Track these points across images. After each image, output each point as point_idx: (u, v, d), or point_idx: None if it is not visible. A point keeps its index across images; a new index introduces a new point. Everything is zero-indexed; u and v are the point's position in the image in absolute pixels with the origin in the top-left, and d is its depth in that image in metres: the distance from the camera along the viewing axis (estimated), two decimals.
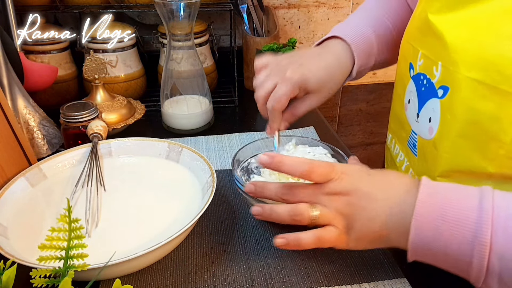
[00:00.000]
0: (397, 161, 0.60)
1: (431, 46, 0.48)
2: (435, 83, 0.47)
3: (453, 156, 0.47)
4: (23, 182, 0.57)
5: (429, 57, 0.48)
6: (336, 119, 1.38)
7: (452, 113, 0.45)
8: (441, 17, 0.46)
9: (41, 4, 0.92)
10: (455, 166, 0.47)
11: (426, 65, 0.49)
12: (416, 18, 0.53)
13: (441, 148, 0.47)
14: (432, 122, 0.48)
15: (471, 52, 0.42)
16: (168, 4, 0.72)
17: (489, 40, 0.41)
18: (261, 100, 0.60)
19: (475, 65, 0.42)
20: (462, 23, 0.44)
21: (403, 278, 0.48)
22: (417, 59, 0.51)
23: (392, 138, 0.62)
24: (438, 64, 0.46)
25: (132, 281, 0.48)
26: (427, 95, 0.49)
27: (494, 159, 0.43)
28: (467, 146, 0.44)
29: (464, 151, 0.45)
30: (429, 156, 0.50)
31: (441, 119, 0.47)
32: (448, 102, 0.45)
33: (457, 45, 0.43)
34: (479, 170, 0.44)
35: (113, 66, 0.91)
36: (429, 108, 0.49)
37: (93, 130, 0.66)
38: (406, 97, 0.55)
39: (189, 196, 0.58)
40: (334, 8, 1.19)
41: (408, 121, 0.54)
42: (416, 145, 0.53)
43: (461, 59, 0.43)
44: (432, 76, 0.48)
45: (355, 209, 0.42)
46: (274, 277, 0.48)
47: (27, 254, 0.44)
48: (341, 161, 0.59)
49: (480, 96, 0.42)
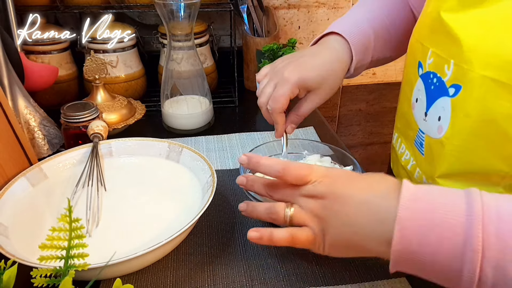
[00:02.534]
0: (402, 160, 0.59)
1: (442, 45, 0.47)
2: (446, 81, 0.46)
3: (464, 155, 0.46)
4: (24, 182, 0.57)
5: (440, 55, 0.47)
6: (336, 119, 1.38)
7: (465, 111, 0.44)
8: (454, 15, 0.45)
9: (41, 4, 0.92)
10: (463, 166, 0.46)
11: (436, 63, 0.48)
12: (426, 16, 0.52)
13: (450, 147, 0.47)
14: (442, 121, 0.47)
15: (486, 50, 0.41)
16: (168, 4, 0.72)
17: (505, 39, 0.40)
18: (264, 106, 0.60)
19: (490, 64, 0.41)
20: (477, 21, 0.43)
21: (403, 278, 0.48)
22: (427, 57, 0.50)
23: (398, 138, 0.61)
24: (450, 62, 0.45)
25: (132, 281, 0.48)
26: (437, 94, 0.48)
27: (508, 158, 0.42)
28: (481, 145, 0.44)
29: (477, 150, 0.44)
30: (435, 156, 0.49)
31: (452, 117, 0.46)
32: (460, 101, 0.45)
33: (471, 44, 0.43)
34: (492, 169, 0.44)
35: (114, 66, 0.91)
36: (438, 107, 0.48)
37: (93, 130, 0.66)
38: (414, 96, 0.54)
39: (189, 196, 0.58)
40: (334, 8, 1.19)
41: (416, 120, 0.54)
42: (424, 144, 0.52)
43: (476, 57, 0.42)
44: (443, 74, 0.47)
45: (329, 213, 0.41)
46: (274, 277, 0.48)
47: (27, 254, 0.44)
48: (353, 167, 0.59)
49: (495, 94, 0.41)
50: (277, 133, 0.61)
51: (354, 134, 1.43)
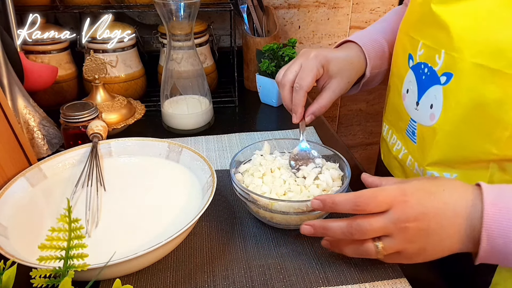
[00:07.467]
0: (393, 150, 0.61)
1: (433, 36, 0.49)
2: (437, 70, 0.49)
3: (456, 141, 0.48)
4: (23, 182, 0.57)
5: (431, 46, 0.50)
6: (336, 119, 1.38)
7: (456, 98, 0.46)
8: (444, 7, 0.48)
9: (41, 4, 0.92)
10: (454, 151, 0.48)
11: (427, 54, 0.51)
12: (415, 10, 0.54)
13: (442, 133, 0.49)
14: (434, 109, 0.50)
15: (476, 39, 0.44)
16: (168, 4, 0.72)
17: (492, 28, 0.43)
18: (288, 84, 0.60)
19: (480, 51, 0.43)
20: (466, 12, 0.45)
21: (403, 278, 0.48)
22: (417, 49, 0.52)
23: (389, 129, 0.63)
24: (441, 52, 0.48)
25: (132, 281, 0.48)
26: (428, 83, 0.50)
27: (498, 141, 0.44)
28: (471, 129, 0.46)
29: (468, 135, 0.46)
30: (427, 143, 0.51)
31: (444, 105, 0.48)
32: (452, 88, 0.47)
33: (461, 33, 0.45)
34: (482, 152, 0.46)
35: (113, 66, 0.91)
36: (430, 95, 0.50)
37: (93, 130, 0.66)
38: (404, 87, 0.56)
39: (189, 196, 0.58)
40: (334, 8, 1.19)
41: (407, 110, 0.56)
42: (416, 133, 0.54)
43: (466, 46, 0.45)
44: (434, 64, 0.49)
45: (426, 234, 0.41)
46: (274, 277, 0.48)
47: (27, 254, 0.44)
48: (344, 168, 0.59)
49: (485, 80, 0.43)
50: (296, 117, 0.61)
51: (355, 134, 1.43)
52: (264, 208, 0.52)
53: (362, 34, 0.68)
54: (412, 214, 0.40)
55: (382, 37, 0.67)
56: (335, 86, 0.62)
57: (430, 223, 0.40)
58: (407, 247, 0.42)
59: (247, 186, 0.55)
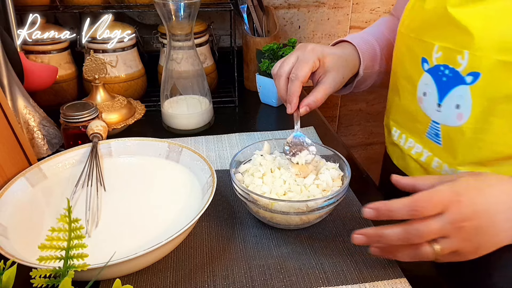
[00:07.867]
0: (412, 154, 0.61)
1: (452, 37, 0.50)
2: (461, 71, 0.50)
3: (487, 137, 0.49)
4: (23, 182, 0.57)
5: (451, 48, 0.50)
6: (336, 119, 1.38)
7: (486, 96, 0.48)
8: (462, 9, 0.49)
9: (41, 4, 0.92)
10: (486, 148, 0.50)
11: (446, 56, 0.51)
12: (427, 14, 0.54)
13: (472, 131, 0.50)
14: (462, 109, 0.51)
15: (495, 38, 0.45)
16: (168, 4, 0.72)
17: (509, 27, 0.45)
18: (284, 75, 0.61)
19: (501, 48, 0.45)
20: (484, 12, 0.47)
21: (403, 278, 0.48)
22: (433, 52, 0.53)
23: (402, 133, 0.63)
24: (463, 52, 0.49)
25: (132, 281, 0.48)
26: (451, 84, 0.51)
27: None
28: (503, 124, 0.48)
29: (499, 130, 0.48)
30: (455, 143, 0.52)
31: (474, 103, 0.49)
32: (480, 86, 0.48)
33: (482, 33, 0.47)
34: None
35: (113, 66, 0.91)
36: (455, 96, 0.51)
37: (93, 130, 0.66)
38: (420, 91, 0.57)
39: (189, 196, 0.58)
40: (334, 8, 1.19)
41: (426, 113, 0.56)
42: (440, 134, 0.54)
43: (488, 44, 0.46)
44: (456, 65, 0.50)
45: (481, 231, 0.41)
46: (274, 277, 0.48)
47: (27, 254, 0.44)
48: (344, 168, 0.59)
49: (511, 75, 0.45)
50: (290, 107, 0.61)
51: (355, 134, 1.43)
52: (264, 208, 0.52)
53: (355, 36, 0.70)
54: (467, 214, 0.41)
55: (374, 40, 0.69)
56: (330, 80, 0.62)
57: (483, 220, 0.41)
58: (464, 245, 0.42)
59: (247, 186, 0.55)
